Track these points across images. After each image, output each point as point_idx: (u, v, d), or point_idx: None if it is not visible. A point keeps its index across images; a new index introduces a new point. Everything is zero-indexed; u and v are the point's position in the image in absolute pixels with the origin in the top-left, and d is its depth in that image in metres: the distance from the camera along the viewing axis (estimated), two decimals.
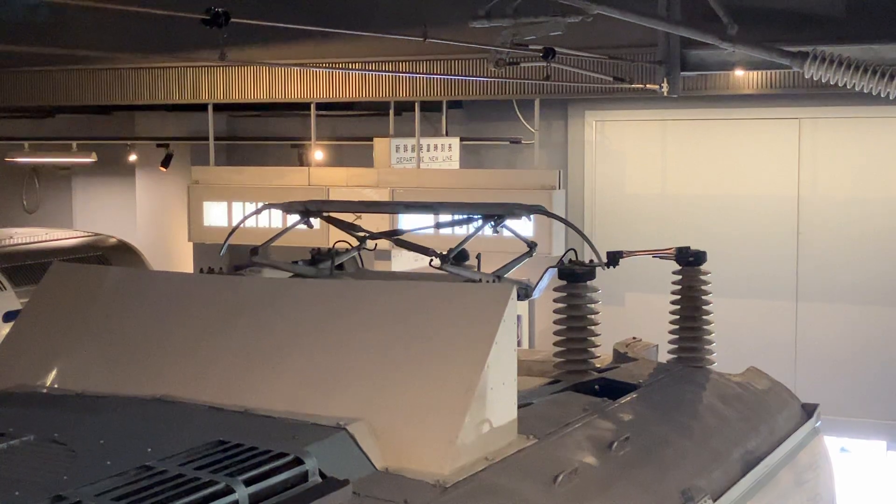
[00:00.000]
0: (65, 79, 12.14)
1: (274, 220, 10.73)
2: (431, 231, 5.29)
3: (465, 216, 4.76)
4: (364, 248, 5.14)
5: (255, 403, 3.69)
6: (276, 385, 3.79)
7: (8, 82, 12.35)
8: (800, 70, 7.50)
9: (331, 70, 10.59)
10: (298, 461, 3.16)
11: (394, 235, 5.18)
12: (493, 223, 4.63)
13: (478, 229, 4.64)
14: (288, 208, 5.09)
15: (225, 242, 5.29)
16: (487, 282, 4.45)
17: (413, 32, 7.12)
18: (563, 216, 10.09)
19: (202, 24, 5.03)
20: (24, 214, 14.81)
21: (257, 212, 5.13)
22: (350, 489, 3.16)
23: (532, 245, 4.84)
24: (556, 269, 5.03)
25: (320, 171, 10.95)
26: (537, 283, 4.67)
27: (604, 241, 11.44)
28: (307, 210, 5.01)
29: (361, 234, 5.10)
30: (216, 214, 11.31)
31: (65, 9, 10.56)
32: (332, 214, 5.16)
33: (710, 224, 11.33)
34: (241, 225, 5.55)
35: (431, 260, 4.46)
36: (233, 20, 5.10)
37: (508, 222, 4.69)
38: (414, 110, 11.15)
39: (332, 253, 5.03)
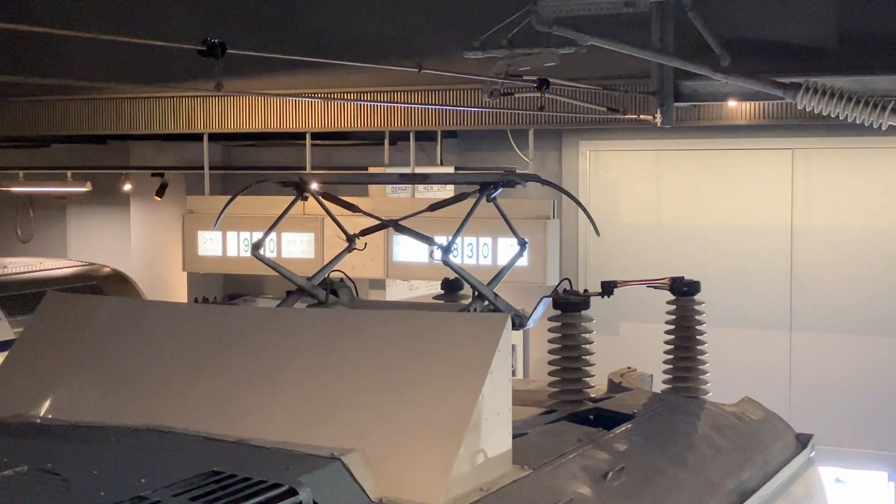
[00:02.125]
0: (60, 108, 12.17)
1: (268, 249, 10.74)
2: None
3: (462, 194, 4.72)
4: (354, 248, 5.11)
5: (249, 433, 3.68)
6: (271, 415, 3.79)
7: (3, 112, 12.37)
8: (792, 101, 7.56)
9: (326, 100, 10.63)
10: (293, 492, 3.15)
11: (388, 226, 5.08)
12: (488, 192, 4.61)
13: (476, 203, 4.63)
14: (282, 181, 5.06)
15: (219, 218, 5.32)
16: (482, 310, 4.45)
17: (408, 63, 7.15)
18: (558, 246, 10.11)
19: (199, 54, 5.05)
20: (18, 244, 14.79)
21: (252, 185, 5.15)
22: None
23: (523, 242, 4.85)
24: (550, 298, 5.04)
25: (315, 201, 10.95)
26: (532, 313, 4.68)
27: (598, 271, 11.55)
28: (302, 181, 4.99)
29: (354, 234, 5.02)
30: (210, 244, 11.32)
31: (60, 39, 10.59)
32: (329, 192, 5.11)
33: (703, 254, 11.35)
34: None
35: (432, 251, 4.44)
36: (229, 51, 5.12)
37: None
38: (409, 140, 11.18)
39: (327, 280, 5.02)
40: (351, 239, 5.07)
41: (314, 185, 4.89)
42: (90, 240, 14.61)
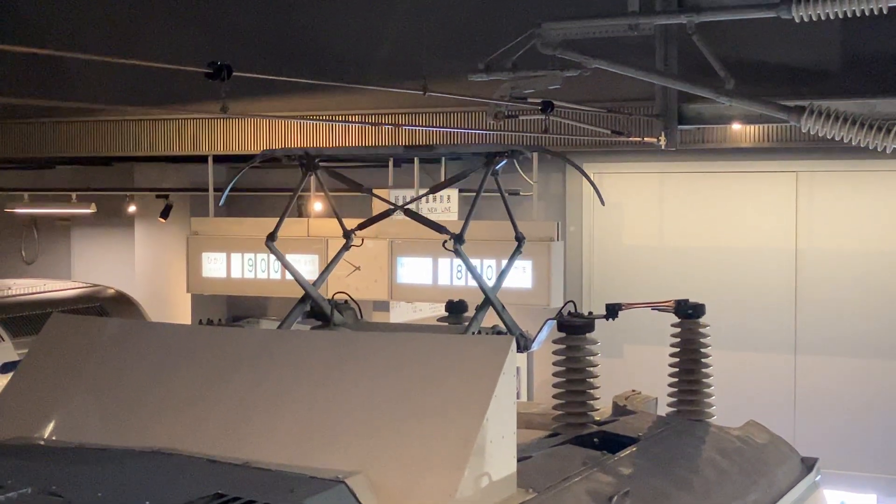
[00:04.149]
0: (65, 130, 12.21)
1: (272, 271, 10.75)
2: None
3: (464, 171, 4.72)
4: (351, 245, 5.10)
5: (253, 456, 3.67)
6: (275, 437, 3.78)
7: (9, 133, 12.41)
8: (797, 124, 7.56)
9: (330, 122, 10.66)
10: None
11: (394, 211, 5.04)
12: (494, 163, 4.63)
13: (485, 176, 4.63)
14: (288, 156, 5.06)
15: (224, 194, 5.35)
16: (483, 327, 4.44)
17: (413, 85, 7.17)
18: (562, 268, 10.10)
19: (205, 77, 5.07)
20: (22, 265, 14.81)
21: (257, 160, 5.16)
22: None
23: (521, 239, 4.86)
24: (555, 321, 5.03)
25: (319, 223, 10.97)
26: (536, 335, 4.67)
27: (602, 293, 11.54)
28: (307, 154, 4.99)
29: (351, 229, 4.99)
30: (215, 265, 11.32)
31: (66, 61, 10.63)
32: (334, 169, 5.11)
33: (708, 276, 11.34)
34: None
35: (445, 242, 4.43)
36: (234, 73, 5.14)
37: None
38: (413, 162, 11.19)
39: (332, 303, 5.02)
40: (347, 235, 5.07)
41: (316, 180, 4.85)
42: (94, 261, 14.64)
